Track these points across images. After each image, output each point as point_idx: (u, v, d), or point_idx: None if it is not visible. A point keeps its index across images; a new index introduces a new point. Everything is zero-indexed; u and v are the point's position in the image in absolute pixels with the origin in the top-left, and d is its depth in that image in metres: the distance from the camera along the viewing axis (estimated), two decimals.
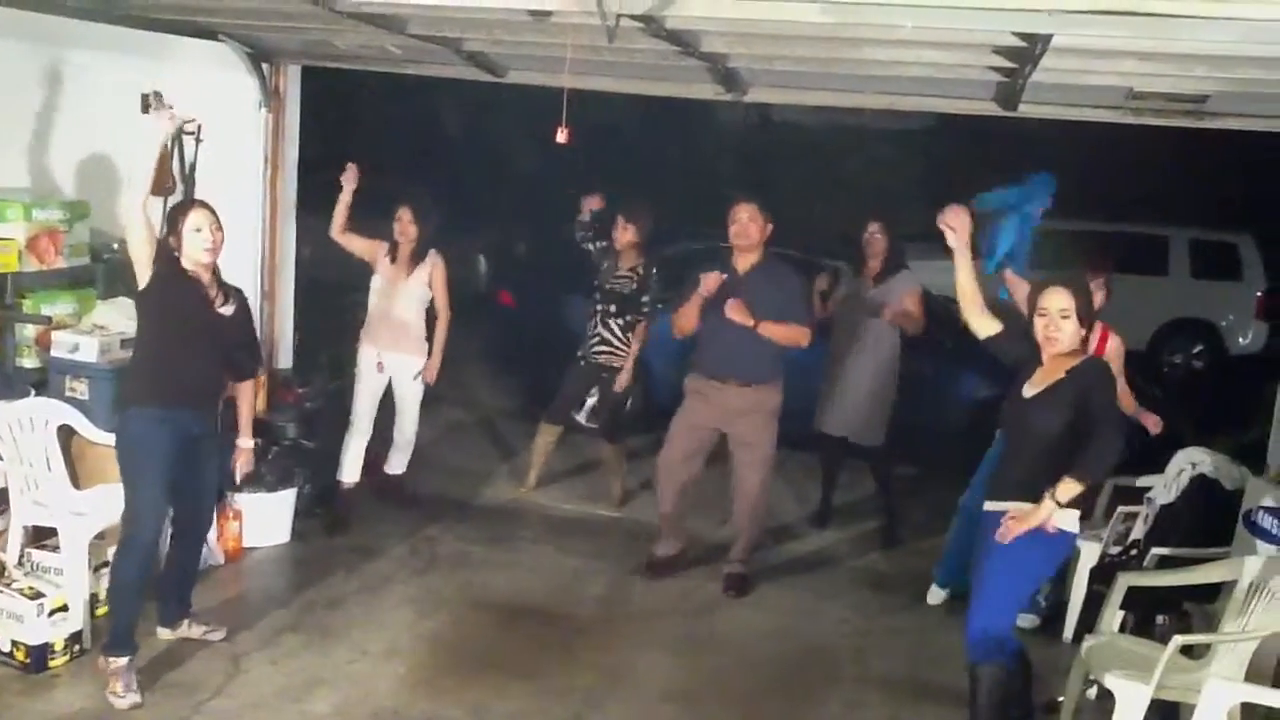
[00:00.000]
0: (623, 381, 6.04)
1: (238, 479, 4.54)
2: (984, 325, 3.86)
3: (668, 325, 5.36)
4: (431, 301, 5.70)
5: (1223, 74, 3.98)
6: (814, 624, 5.03)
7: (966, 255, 3.87)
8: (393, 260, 5.64)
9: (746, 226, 5.03)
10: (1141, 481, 5.03)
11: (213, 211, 4.05)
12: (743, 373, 5.01)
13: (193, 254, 3.97)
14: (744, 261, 5.08)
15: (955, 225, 3.84)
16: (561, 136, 3.90)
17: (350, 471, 5.68)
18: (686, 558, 5.48)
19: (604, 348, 6.04)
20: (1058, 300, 3.63)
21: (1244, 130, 4.89)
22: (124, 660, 3.90)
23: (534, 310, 8.11)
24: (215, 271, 4.09)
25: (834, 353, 5.97)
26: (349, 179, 5.53)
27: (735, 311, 4.87)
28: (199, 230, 3.97)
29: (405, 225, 5.59)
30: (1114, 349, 4.77)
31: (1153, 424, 4.78)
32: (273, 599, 4.84)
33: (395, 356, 5.65)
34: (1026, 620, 4.85)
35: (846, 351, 5.91)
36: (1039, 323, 3.66)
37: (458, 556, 5.44)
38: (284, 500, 5.35)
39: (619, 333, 6.00)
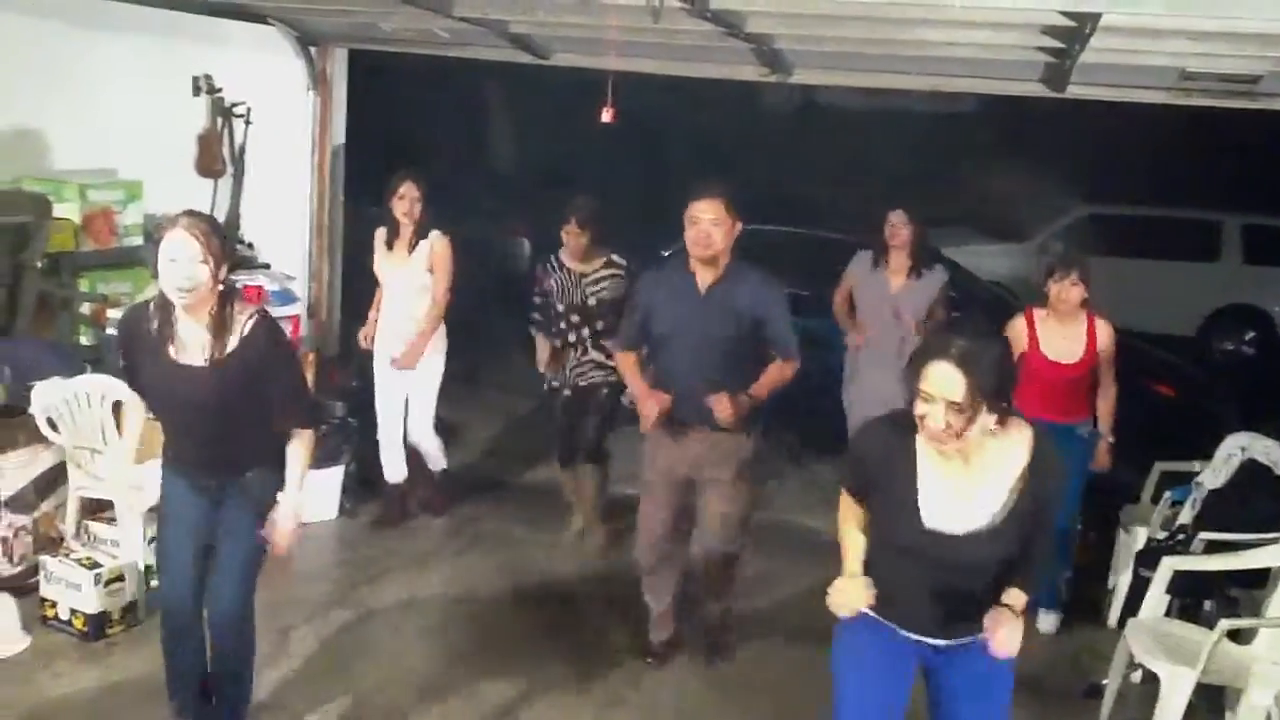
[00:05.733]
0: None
1: (266, 547, 3.37)
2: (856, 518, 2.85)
3: None
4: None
5: (1276, 53, 3.92)
6: None
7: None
8: (390, 245, 5.19)
9: (708, 233, 3.77)
10: (1189, 466, 4.97)
11: (202, 233, 2.97)
12: (711, 417, 3.84)
13: (167, 290, 3.01)
14: (705, 275, 3.87)
15: None
16: (607, 116, 3.92)
17: (393, 472, 5.45)
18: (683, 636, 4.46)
19: (597, 372, 5.14)
20: (940, 385, 2.46)
21: None
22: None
23: None
24: (222, 305, 3.06)
25: (860, 356, 5.38)
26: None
27: (722, 409, 3.76)
28: (174, 261, 2.96)
29: (410, 203, 5.08)
30: (1105, 339, 4.59)
31: (1103, 460, 4.63)
32: (319, 574, 4.92)
33: (403, 349, 5.21)
34: (1048, 621, 4.78)
35: (876, 355, 5.24)
36: (920, 408, 2.52)
37: (499, 536, 5.49)
38: (331, 477, 5.44)
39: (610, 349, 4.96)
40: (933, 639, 2.75)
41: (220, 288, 3.03)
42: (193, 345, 3.07)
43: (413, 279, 5.17)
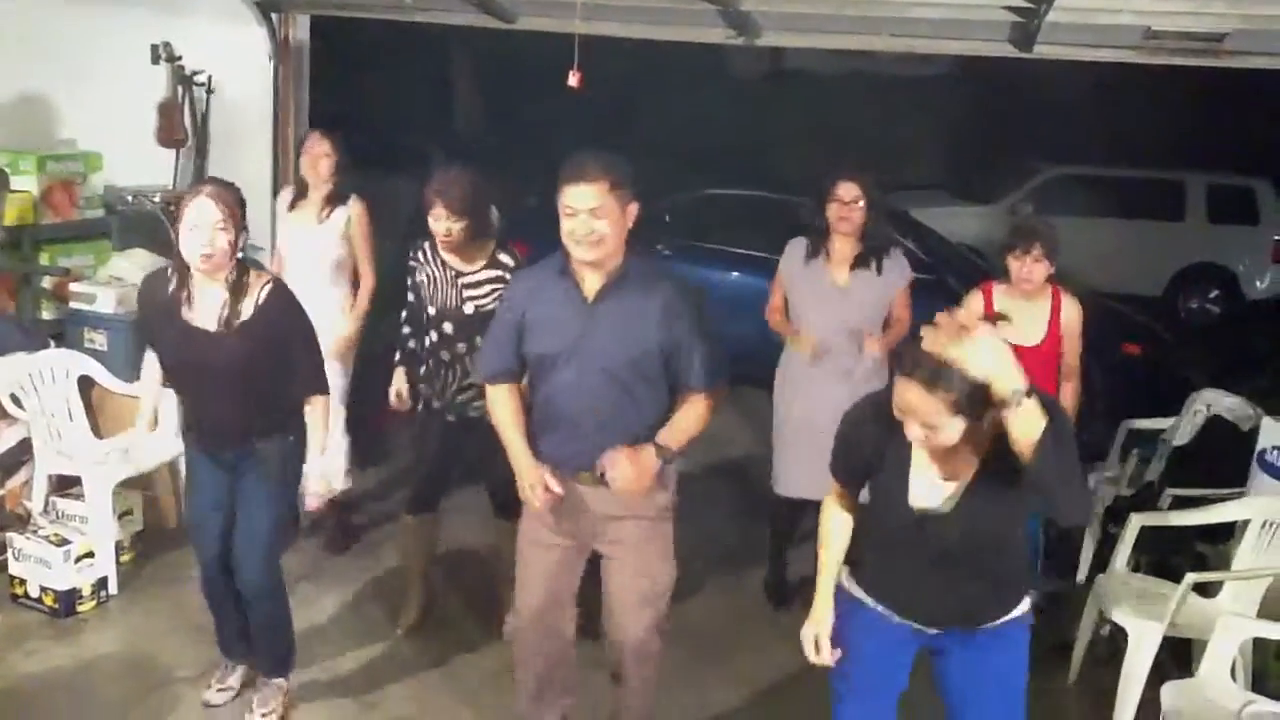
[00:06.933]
0: None
1: (306, 504, 3.60)
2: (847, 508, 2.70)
3: None
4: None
5: (1241, 11, 3.93)
6: None
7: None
8: (291, 206, 4.58)
9: (589, 227, 2.79)
10: (1157, 423, 5.03)
11: (224, 203, 3.04)
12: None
13: (187, 256, 3.05)
14: (592, 280, 2.90)
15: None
16: (573, 80, 3.87)
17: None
18: None
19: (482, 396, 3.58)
20: (923, 410, 2.26)
21: (1262, 70, 4.83)
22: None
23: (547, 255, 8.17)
24: (237, 274, 3.12)
25: (792, 380, 4.26)
26: None
27: (622, 474, 2.81)
28: (195, 227, 3.01)
29: (315, 159, 4.44)
30: (1071, 318, 4.07)
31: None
32: (288, 547, 4.89)
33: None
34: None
35: (814, 377, 4.13)
36: (909, 429, 2.34)
37: (467, 506, 5.45)
38: None
39: None
40: (932, 628, 2.62)
41: (240, 255, 3.12)
42: (208, 309, 3.11)
43: (323, 252, 4.45)
